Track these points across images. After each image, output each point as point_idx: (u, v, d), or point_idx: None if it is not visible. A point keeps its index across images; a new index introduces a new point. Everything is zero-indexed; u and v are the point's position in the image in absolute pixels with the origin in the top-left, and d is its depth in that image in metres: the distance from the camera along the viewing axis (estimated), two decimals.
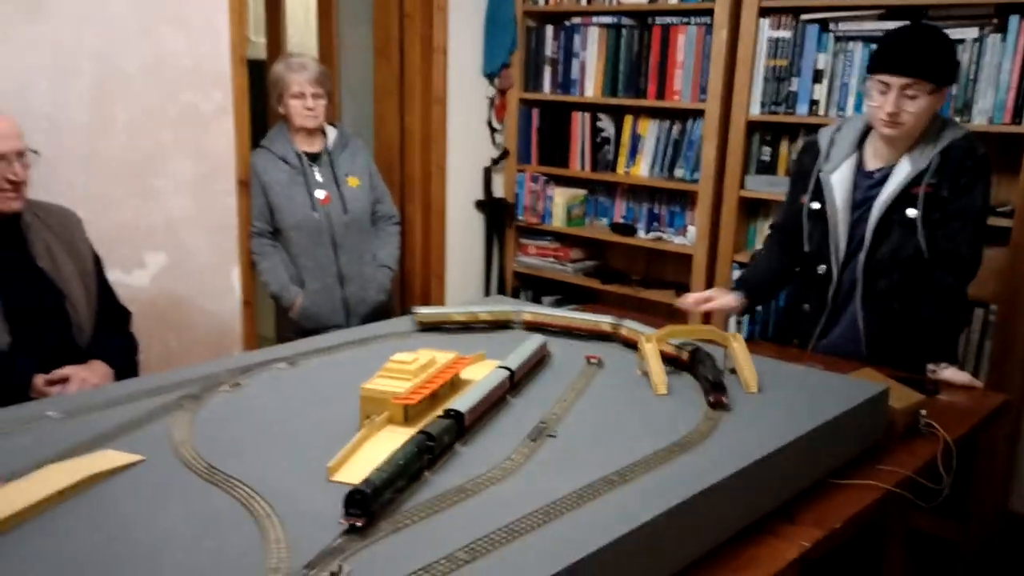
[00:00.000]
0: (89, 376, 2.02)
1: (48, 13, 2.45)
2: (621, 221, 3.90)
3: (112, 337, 2.26)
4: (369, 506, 1.13)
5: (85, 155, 2.58)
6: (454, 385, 1.61)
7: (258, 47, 4.86)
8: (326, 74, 3.03)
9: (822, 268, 2.39)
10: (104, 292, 2.31)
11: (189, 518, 1.17)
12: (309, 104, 2.95)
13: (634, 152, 3.79)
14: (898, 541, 1.79)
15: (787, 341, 2.55)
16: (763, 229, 3.48)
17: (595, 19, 3.77)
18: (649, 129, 3.74)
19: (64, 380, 2.00)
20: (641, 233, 3.82)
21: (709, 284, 3.54)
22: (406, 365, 1.52)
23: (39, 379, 1.96)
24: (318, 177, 3.00)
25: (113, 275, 2.47)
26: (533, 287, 4.10)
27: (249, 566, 1.05)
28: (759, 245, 3.49)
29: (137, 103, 2.68)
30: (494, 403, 1.56)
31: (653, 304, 3.71)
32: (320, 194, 2.98)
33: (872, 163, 2.32)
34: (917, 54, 2.14)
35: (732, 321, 3.50)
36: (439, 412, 1.42)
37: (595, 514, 1.20)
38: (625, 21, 3.69)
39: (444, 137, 3.77)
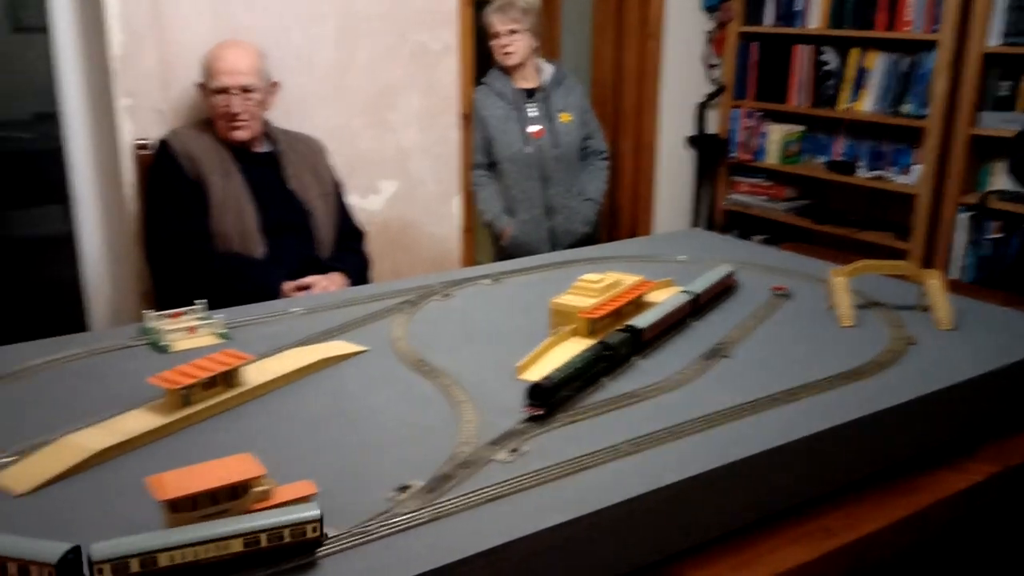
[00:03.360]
0: (328, 284, 2.33)
1: None
2: (840, 159, 3.77)
3: (349, 253, 2.57)
4: (547, 398, 1.29)
5: (330, 90, 2.89)
6: (639, 305, 1.72)
7: None
8: (525, 11, 3.14)
9: None
10: (343, 213, 2.62)
11: (399, 398, 1.38)
12: (503, 42, 3.10)
13: (858, 86, 3.63)
14: None
15: None
16: (997, 169, 3.25)
17: None
18: (876, 62, 3.56)
19: (307, 287, 2.31)
20: (861, 172, 3.68)
21: (933, 227, 3.37)
22: (594, 284, 1.65)
23: (287, 284, 2.29)
24: (532, 112, 3.17)
25: (351, 199, 2.78)
26: (742, 225, 4.07)
27: (444, 439, 1.24)
28: (992, 187, 3.28)
29: (375, 42, 2.95)
30: (675, 324, 1.66)
31: (870, 246, 3.59)
32: (533, 128, 3.15)
33: None
34: None
35: (957, 266, 3.33)
36: (620, 327, 1.55)
37: (756, 426, 1.29)
38: None
39: (658, 72, 3.80)
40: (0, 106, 2.79)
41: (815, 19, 3.69)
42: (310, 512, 0.93)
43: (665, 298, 1.70)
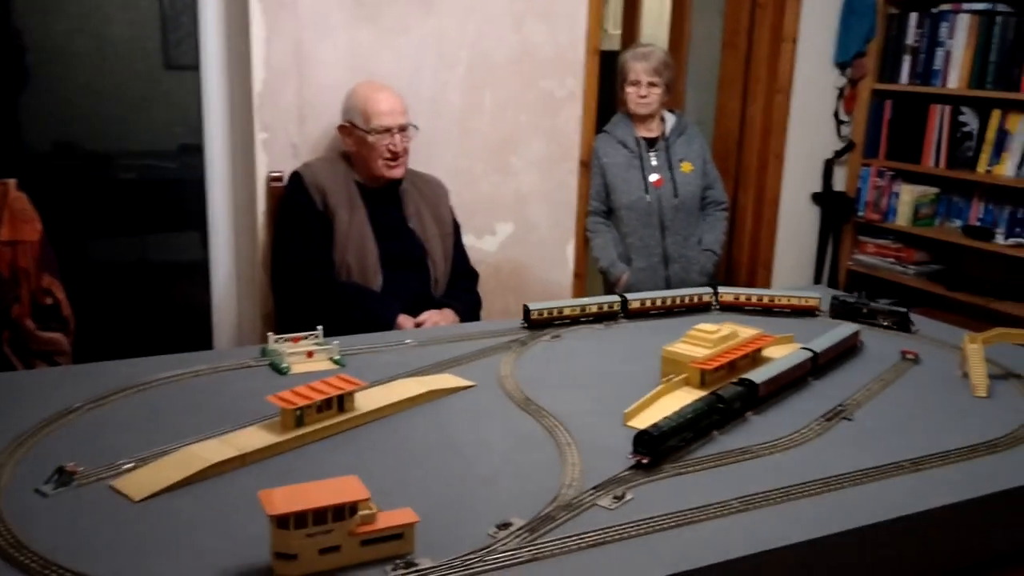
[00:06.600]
0: (440, 319, 2.36)
1: (439, 9, 2.83)
2: (977, 224, 3.59)
3: (461, 291, 2.60)
4: (655, 447, 1.26)
5: (457, 134, 2.96)
6: (755, 360, 1.67)
7: (613, 39, 5.13)
8: (666, 64, 3.14)
9: None
10: (459, 253, 2.66)
11: (503, 435, 1.38)
12: (642, 92, 3.10)
13: (999, 149, 3.46)
14: None
15: None
16: None
17: (966, 6, 3.49)
18: (1019, 125, 3.39)
19: (420, 324, 2.35)
20: (1000, 238, 3.48)
21: None
22: (708, 334, 1.61)
23: (402, 318, 2.33)
24: (653, 161, 3.15)
25: (467, 240, 2.82)
26: (867, 287, 3.90)
27: (547, 480, 1.22)
28: None
29: (502, 89, 3.01)
30: (793, 381, 1.60)
31: (1006, 316, 3.38)
32: (653, 177, 3.13)
33: None
34: None
35: None
36: (734, 380, 1.50)
37: (879, 493, 1.22)
38: (1001, 8, 3.38)
39: (784, 127, 3.72)
40: (151, 137, 2.98)
41: (954, 79, 3.55)
42: None
43: (784, 354, 1.65)
